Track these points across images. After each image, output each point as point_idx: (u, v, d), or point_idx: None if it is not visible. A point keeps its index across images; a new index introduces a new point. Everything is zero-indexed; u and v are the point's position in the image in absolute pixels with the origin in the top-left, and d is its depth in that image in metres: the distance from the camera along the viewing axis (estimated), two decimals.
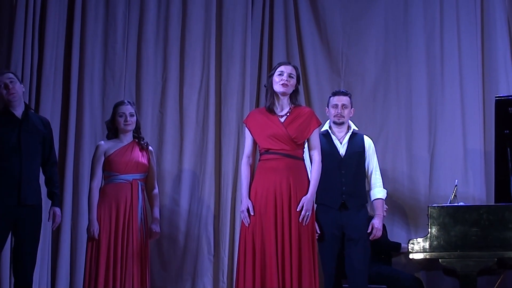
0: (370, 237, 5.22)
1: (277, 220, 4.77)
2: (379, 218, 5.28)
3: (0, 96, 4.96)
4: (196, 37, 6.59)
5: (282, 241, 4.74)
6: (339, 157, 5.28)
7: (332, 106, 5.37)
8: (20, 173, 4.86)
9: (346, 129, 5.38)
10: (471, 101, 6.40)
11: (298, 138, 4.89)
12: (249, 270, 4.75)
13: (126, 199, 5.34)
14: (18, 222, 4.85)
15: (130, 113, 5.46)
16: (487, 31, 6.48)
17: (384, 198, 5.38)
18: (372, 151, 5.39)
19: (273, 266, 4.69)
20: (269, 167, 4.87)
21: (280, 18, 6.68)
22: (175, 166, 6.45)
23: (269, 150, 4.89)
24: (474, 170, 6.30)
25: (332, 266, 5.18)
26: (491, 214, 5.12)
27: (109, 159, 5.40)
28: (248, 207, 4.83)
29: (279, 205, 4.79)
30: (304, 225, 4.77)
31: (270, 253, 4.71)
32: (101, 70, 6.51)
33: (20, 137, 4.90)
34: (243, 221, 4.84)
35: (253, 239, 4.78)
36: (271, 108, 4.96)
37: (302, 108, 5.05)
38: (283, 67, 4.99)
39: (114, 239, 5.29)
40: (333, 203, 5.22)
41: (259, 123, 4.96)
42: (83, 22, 6.47)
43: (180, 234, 6.34)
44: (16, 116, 4.95)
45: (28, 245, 4.89)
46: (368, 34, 6.67)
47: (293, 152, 4.88)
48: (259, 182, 4.87)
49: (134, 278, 5.28)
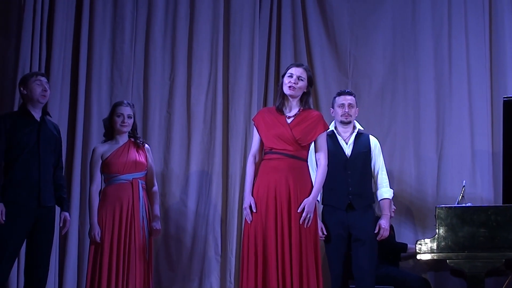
0: (378, 237, 5.21)
1: (277, 220, 4.79)
2: (386, 218, 5.27)
3: (30, 91, 4.98)
4: (203, 37, 6.59)
5: (282, 241, 4.75)
6: (345, 157, 5.27)
7: (338, 106, 5.36)
8: (39, 175, 4.90)
9: (351, 129, 5.37)
10: (479, 101, 6.39)
11: (302, 140, 4.90)
12: (252, 268, 4.76)
13: (128, 199, 5.34)
14: (37, 224, 4.89)
15: (128, 115, 5.46)
16: (495, 32, 6.47)
17: (391, 198, 5.36)
18: (378, 151, 5.38)
19: (273, 266, 4.70)
20: (271, 166, 4.89)
21: (287, 18, 6.68)
22: (182, 167, 6.46)
23: (273, 150, 4.91)
24: (482, 171, 6.29)
25: (339, 267, 5.17)
26: (499, 215, 5.11)
27: (107, 161, 5.40)
28: (250, 204, 4.85)
29: (279, 205, 4.80)
30: (306, 227, 4.78)
31: (271, 252, 4.73)
32: (109, 70, 6.52)
33: (40, 139, 4.94)
34: (246, 218, 4.86)
35: (255, 237, 4.79)
36: (280, 108, 4.97)
37: (311, 111, 5.05)
38: (293, 69, 4.99)
39: (117, 240, 5.29)
40: (340, 203, 5.21)
41: (266, 122, 4.98)
42: (91, 22, 6.49)
43: (187, 234, 6.34)
44: (35, 119, 4.99)
45: (43, 246, 4.93)
46: (376, 35, 6.66)
47: (296, 153, 4.89)
48: (261, 181, 4.89)
49: (137, 278, 5.28)
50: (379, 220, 5.25)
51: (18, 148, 4.88)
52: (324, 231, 5.18)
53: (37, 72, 5.34)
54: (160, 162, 6.36)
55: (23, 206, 4.84)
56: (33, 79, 5.00)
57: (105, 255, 5.25)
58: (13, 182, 4.85)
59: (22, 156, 4.88)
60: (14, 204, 4.82)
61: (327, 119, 5.14)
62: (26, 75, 5.16)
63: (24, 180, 4.86)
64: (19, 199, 4.84)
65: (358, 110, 5.46)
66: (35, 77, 5.02)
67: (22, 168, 4.87)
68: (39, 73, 5.19)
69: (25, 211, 4.84)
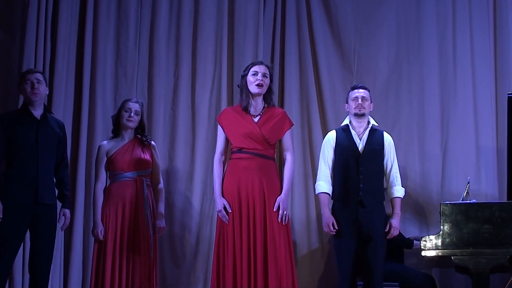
0: (388, 236, 5.20)
1: (249, 219, 4.84)
2: (397, 217, 5.25)
3: (23, 92, 5.03)
4: (208, 34, 6.59)
5: (254, 241, 4.80)
6: (358, 152, 5.25)
7: (352, 99, 5.35)
8: (37, 173, 4.92)
9: (366, 124, 5.36)
10: (483, 98, 6.39)
11: (271, 139, 4.95)
12: (221, 269, 4.84)
13: (132, 197, 5.36)
14: (36, 221, 4.90)
15: (136, 111, 5.49)
16: (500, 29, 6.47)
17: (402, 197, 5.34)
18: (391, 148, 5.36)
19: (245, 266, 4.76)
20: (241, 166, 4.93)
21: (292, 15, 6.68)
22: (187, 164, 6.46)
23: (242, 149, 4.95)
24: (486, 167, 6.29)
25: (348, 263, 5.16)
26: (503, 211, 5.11)
27: (112, 158, 5.43)
28: (224, 205, 4.88)
29: (251, 205, 4.85)
30: (284, 224, 4.84)
31: (243, 253, 4.78)
32: (113, 68, 6.53)
33: (38, 137, 4.95)
34: (223, 220, 4.89)
35: (227, 238, 4.85)
36: (246, 108, 4.99)
37: (275, 108, 5.10)
38: (257, 67, 5.03)
39: (120, 238, 5.31)
40: (350, 200, 5.20)
41: (233, 121, 5.01)
42: (95, 20, 6.50)
43: (192, 231, 6.35)
44: (34, 117, 5.00)
45: (45, 243, 4.95)
46: (380, 32, 6.66)
47: (265, 152, 4.94)
48: (231, 181, 4.92)
49: (141, 275, 5.29)
50: (390, 219, 5.23)
51: (17, 146, 4.90)
52: (335, 226, 5.16)
53: (28, 70, 5.31)
54: (165, 160, 6.36)
55: (20, 203, 4.86)
56: (23, 79, 5.03)
57: (108, 253, 5.27)
58: (11, 179, 4.89)
59: (20, 154, 4.90)
60: (12, 201, 4.84)
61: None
62: (20, 75, 5.18)
63: (22, 178, 4.88)
64: (16, 196, 4.86)
65: (373, 106, 5.45)
66: (24, 76, 5.04)
67: (20, 166, 4.90)
68: (29, 70, 5.19)
69: (22, 208, 4.86)
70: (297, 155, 6.18)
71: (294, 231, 6.19)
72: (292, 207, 6.30)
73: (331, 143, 5.34)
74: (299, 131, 6.44)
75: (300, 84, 6.59)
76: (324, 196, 5.27)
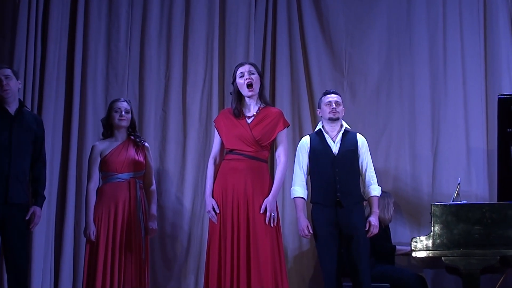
0: (368, 234, 5.21)
1: (233, 221, 4.84)
2: (375, 215, 5.27)
3: None
4: (199, 36, 6.59)
5: (237, 242, 4.80)
6: (332, 155, 5.28)
7: (325, 104, 5.39)
8: (9, 172, 4.80)
9: (339, 128, 5.39)
10: (474, 99, 6.40)
11: (262, 140, 4.96)
12: (214, 268, 4.83)
13: (125, 198, 5.35)
14: (5, 221, 4.78)
15: (126, 110, 5.49)
16: (490, 30, 6.48)
17: (379, 195, 5.36)
18: (365, 148, 5.40)
19: (228, 267, 4.77)
20: (230, 167, 4.95)
21: (283, 17, 6.68)
22: (178, 165, 6.45)
23: (233, 151, 4.98)
24: (477, 169, 6.30)
25: (331, 265, 5.17)
26: (494, 212, 5.13)
27: (105, 159, 5.41)
28: (213, 206, 4.89)
29: (235, 206, 4.86)
30: (273, 226, 4.84)
31: (226, 254, 4.79)
32: (104, 68, 6.51)
33: (12, 134, 4.85)
34: (211, 220, 4.91)
35: (214, 238, 4.87)
36: (239, 110, 5.00)
37: (271, 108, 5.12)
38: (241, 68, 5.06)
39: (113, 239, 5.29)
40: (328, 201, 5.21)
41: (226, 123, 5.04)
42: (86, 20, 6.48)
43: (183, 232, 6.34)
44: (9, 113, 4.90)
45: (16, 241, 4.80)
46: (372, 34, 6.67)
47: (256, 154, 4.95)
48: (219, 182, 4.95)
49: (133, 277, 5.28)
50: (369, 217, 5.26)
51: None
52: (310, 229, 5.20)
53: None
54: (156, 161, 6.35)
55: None
56: None
57: (100, 254, 5.25)
58: None
59: None
60: None
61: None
62: None
63: None
64: None
65: (344, 110, 5.48)
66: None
67: None
68: (1, 66, 5.03)
69: None
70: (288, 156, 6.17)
71: (285, 233, 6.19)
72: (283, 209, 6.30)
73: (305, 148, 5.37)
74: (290, 132, 6.43)
75: (291, 85, 6.60)
76: (300, 200, 5.32)
